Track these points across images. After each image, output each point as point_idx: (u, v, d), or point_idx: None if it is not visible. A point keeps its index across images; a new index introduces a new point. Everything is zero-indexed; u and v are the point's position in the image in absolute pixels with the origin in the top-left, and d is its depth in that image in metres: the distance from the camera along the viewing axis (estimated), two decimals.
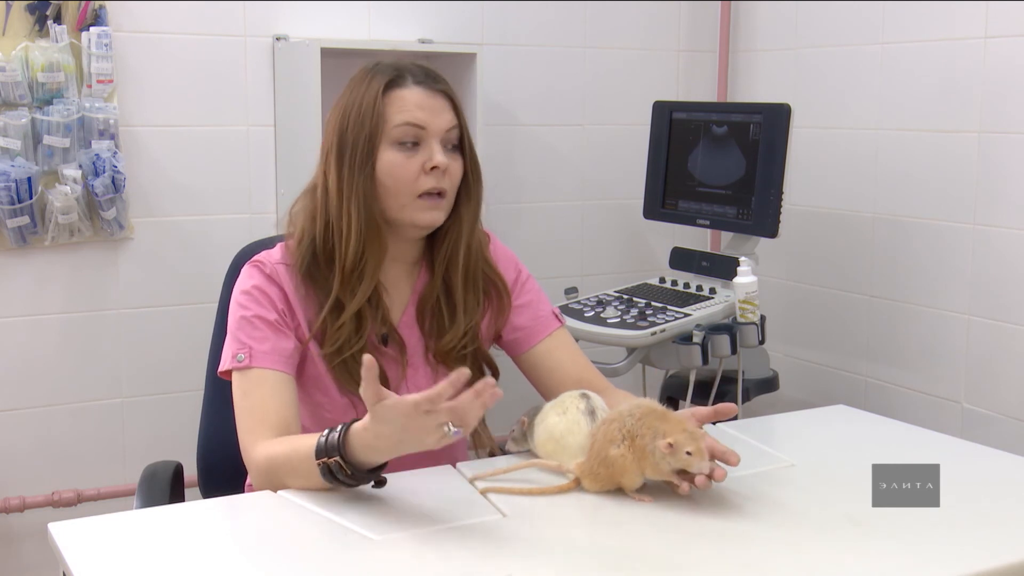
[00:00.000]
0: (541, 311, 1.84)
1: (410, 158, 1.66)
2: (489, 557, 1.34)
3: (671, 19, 3.22)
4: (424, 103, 1.67)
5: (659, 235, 3.22)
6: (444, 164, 1.66)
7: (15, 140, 2.41)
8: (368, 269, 1.67)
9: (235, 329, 1.67)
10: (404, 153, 1.66)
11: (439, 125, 1.67)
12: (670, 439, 1.44)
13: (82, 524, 1.44)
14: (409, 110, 1.66)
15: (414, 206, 1.67)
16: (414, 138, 1.66)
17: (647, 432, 1.47)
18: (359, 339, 1.67)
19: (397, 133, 1.66)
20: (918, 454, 1.73)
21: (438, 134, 1.67)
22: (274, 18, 2.71)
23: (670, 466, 1.46)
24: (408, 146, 1.66)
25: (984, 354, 2.60)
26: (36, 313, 2.57)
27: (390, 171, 1.66)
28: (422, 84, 1.68)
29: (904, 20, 2.74)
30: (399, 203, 1.67)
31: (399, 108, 1.66)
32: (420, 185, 1.66)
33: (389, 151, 1.66)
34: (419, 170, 1.66)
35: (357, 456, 1.44)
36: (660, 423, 1.48)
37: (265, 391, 1.62)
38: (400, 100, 1.67)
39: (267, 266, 1.70)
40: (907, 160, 2.76)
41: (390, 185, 1.66)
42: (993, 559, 1.34)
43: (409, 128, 1.66)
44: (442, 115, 1.68)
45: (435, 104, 1.68)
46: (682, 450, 1.44)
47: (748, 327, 2.52)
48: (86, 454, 2.65)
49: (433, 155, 1.66)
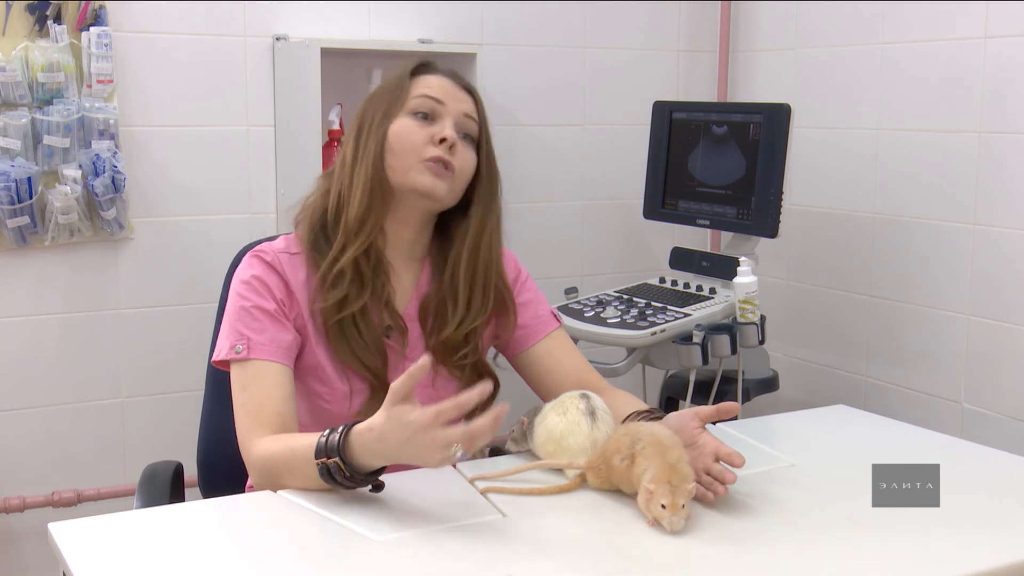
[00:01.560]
0: (540, 311, 1.84)
1: (421, 127, 1.69)
2: (489, 557, 1.34)
3: (671, 19, 3.22)
4: (447, 87, 1.72)
5: (659, 235, 3.22)
6: (453, 138, 1.68)
7: (15, 140, 2.41)
8: (371, 219, 1.68)
9: (234, 319, 1.66)
10: (417, 122, 1.69)
11: (457, 106, 1.71)
12: (651, 485, 1.40)
13: (82, 524, 1.44)
14: (431, 87, 1.71)
15: (418, 168, 1.67)
16: (429, 110, 1.70)
17: (644, 463, 1.44)
18: (360, 297, 1.67)
19: (414, 104, 1.70)
20: (918, 454, 1.73)
21: (454, 113, 1.70)
22: (274, 18, 2.71)
23: (647, 508, 1.42)
24: (421, 116, 1.69)
25: (984, 354, 2.60)
26: (36, 313, 2.57)
27: (400, 133, 1.68)
28: (448, 76, 1.74)
29: (904, 20, 2.74)
30: (404, 165, 1.68)
31: (421, 85, 1.72)
32: (426, 152, 1.67)
33: (404, 118, 1.70)
34: (428, 138, 1.68)
35: (356, 458, 1.44)
36: (656, 459, 1.43)
37: (263, 385, 1.62)
38: (424, 81, 1.73)
39: (268, 254, 1.70)
40: (907, 160, 2.76)
41: (397, 147, 1.68)
42: (993, 559, 1.34)
43: (426, 100, 1.70)
44: (462, 101, 1.72)
45: (458, 92, 1.73)
46: (657, 501, 1.39)
47: (748, 327, 2.52)
48: (86, 454, 2.65)
49: (444, 128, 1.68)
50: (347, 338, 1.67)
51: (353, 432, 1.44)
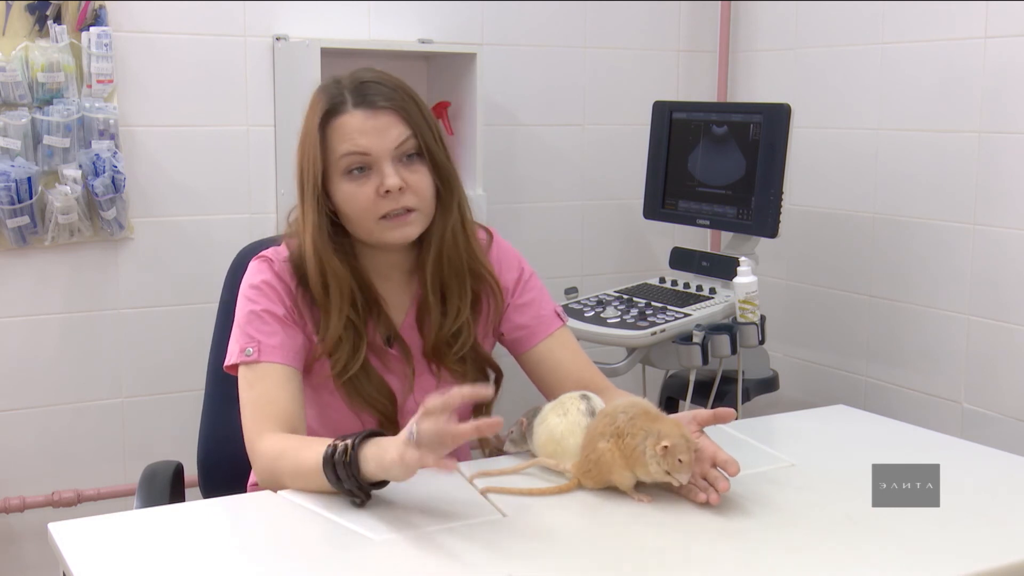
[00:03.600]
0: (543, 310, 1.83)
1: (362, 186, 1.63)
2: (489, 557, 1.34)
3: (671, 19, 3.22)
4: (365, 127, 1.63)
5: (659, 235, 3.22)
6: (395, 186, 1.62)
7: (15, 140, 2.41)
8: (334, 294, 1.66)
9: (244, 323, 1.67)
10: (355, 182, 1.64)
11: (385, 146, 1.63)
12: (667, 442, 1.44)
13: (82, 524, 1.44)
14: (351, 138, 1.63)
15: (380, 228, 1.65)
16: (360, 164, 1.64)
17: (638, 432, 1.47)
18: (356, 358, 1.67)
19: (344, 164, 1.64)
20: (918, 454, 1.73)
21: (386, 155, 1.63)
22: (274, 18, 2.71)
23: (659, 467, 1.45)
24: (356, 174, 1.64)
25: (984, 354, 2.60)
26: (36, 313, 2.57)
27: (346, 202, 1.65)
28: (360, 107, 1.64)
29: (904, 20, 2.74)
30: (366, 229, 1.66)
31: (341, 137, 1.64)
32: (379, 209, 1.64)
33: (342, 183, 1.64)
34: (373, 195, 1.63)
35: (362, 463, 1.45)
36: (653, 424, 1.48)
37: (272, 384, 1.62)
38: (340, 129, 1.64)
39: (276, 263, 1.70)
40: (907, 160, 2.76)
41: (351, 215, 1.66)
42: (993, 559, 1.34)
43: (354, 157, 1.63)
44: (388, 134, 1.63)
45: (377, 124, 1.63)
46: (675, 456, 1.44)
47: (748, 327, 2.51)
48: (86, 454, 2.65)
49: (384, 179, 1.62)
50: (356, 389, 1.68)
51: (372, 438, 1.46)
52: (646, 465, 1.46)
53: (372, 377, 1.69)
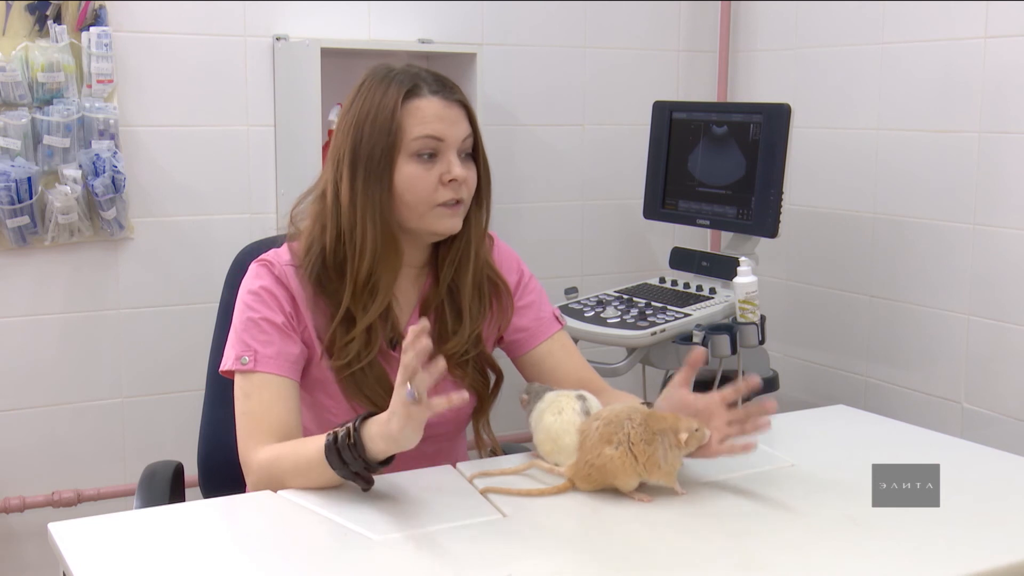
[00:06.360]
0: (543, 313, 1.84)
1: (428, 170, 1.64)
2: (489, 557, 1.34)
3: (671, 19, 3.22)
4: (442, 114, 1.65)
5: (659, 235, 3.22)
6: (463, 176, 1.65)
7: (15, 140, 2.41)
8: (382, 284, 1.66)
9: (240, 330, 1.66)
10: (422, 165, 1.64)
11: (456, 136, 1.66)
12: (682, 433, 1.49)
13: (82, 524, 1.44)
14: (429, 122, 1.64)
15: (433, 214, 1.66)
16: (432, 150, 1.65)
17: (652, 438, 1.49)
18: (368, 353, 1.66)
19: (416, 146, 1.64)
20: (918, 454, 1.73)
21: (455, 145, 1.66)
22: (274, 18, 2.71)
23: (685, 453, 1.51)
24: (426, 158, 1.65)
25: (984, 354, 2.60)
26: (36, 313, 2.57)
27: (409, 184, 1.64)
28: (439, 94, 1.66)
29: (904, 20, 2.74)
30: (417, 213, 1.66)
31: (419, 120, 1.64)
32: (438, 196, 1.65)
33: (407, 163, 1.64)
34: (437, 182, 1.65)
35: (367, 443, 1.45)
36: (657, 424, 1.50)
37: (268, 396, 1.62)
38: (419, 111, 1.64)
39: (276, 267, 1.68)
40: (907, 160, 2.76)
41: (408, 198, 1.65)
42: (993, 559, 1.35)
43: (429, 140, 1.64)
44: (459, 125, 1.66)
45: (452, 114, 1.66)
46: (692, 431, 1.49)
47: (748, 327, 2.51)
48: (86, 454, 2.65)
49: (451, 167, 1.64)
50: (358, 384, 1.67)
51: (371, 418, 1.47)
52: (670, 463, 1.50)
53: (375, 371, 1.68)
